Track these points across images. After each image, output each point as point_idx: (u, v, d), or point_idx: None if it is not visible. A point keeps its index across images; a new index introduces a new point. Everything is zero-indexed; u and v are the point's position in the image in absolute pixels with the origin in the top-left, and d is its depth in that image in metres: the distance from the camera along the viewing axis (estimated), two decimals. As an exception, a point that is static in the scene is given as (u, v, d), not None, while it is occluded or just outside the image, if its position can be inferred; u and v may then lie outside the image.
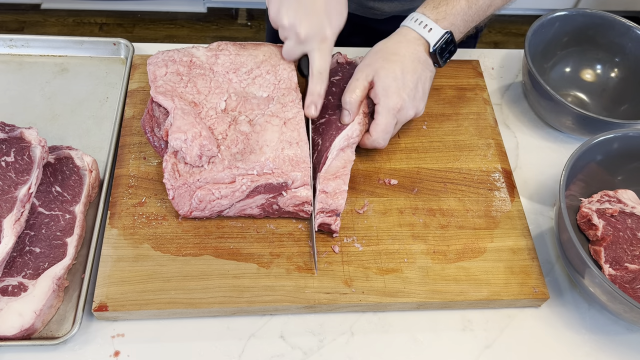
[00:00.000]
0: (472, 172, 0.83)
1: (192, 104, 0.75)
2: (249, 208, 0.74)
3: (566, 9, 0.94)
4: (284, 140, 0.73)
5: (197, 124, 0.72)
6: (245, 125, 0.74)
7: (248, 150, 0.73)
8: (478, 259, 0.75)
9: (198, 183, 0.71)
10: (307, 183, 0.72)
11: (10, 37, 0.92)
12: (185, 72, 0.78)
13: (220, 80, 0.78)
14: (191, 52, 0.80)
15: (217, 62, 0.80)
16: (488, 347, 0.71)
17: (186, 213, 0.73)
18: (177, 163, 0.72)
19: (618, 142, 0.79)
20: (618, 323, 0.75)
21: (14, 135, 0.72)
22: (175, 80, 0.77)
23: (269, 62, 0.80)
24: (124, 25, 2.31)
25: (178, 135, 0.70)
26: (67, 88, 0.89)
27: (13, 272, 0.67)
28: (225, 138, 0.74)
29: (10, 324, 0.64)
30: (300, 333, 0.70)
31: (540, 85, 0.86)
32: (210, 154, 0.71)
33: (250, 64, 0.80)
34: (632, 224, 0.77)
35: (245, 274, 0.71)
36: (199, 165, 0.71)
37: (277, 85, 0.79)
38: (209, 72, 0.79)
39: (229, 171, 0.71)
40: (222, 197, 0.71)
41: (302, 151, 0.73)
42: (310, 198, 0.73)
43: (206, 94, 0.76)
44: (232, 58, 0.80)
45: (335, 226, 0.73)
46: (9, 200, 0.68)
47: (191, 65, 0.79)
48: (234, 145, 0.73)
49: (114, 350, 0.67)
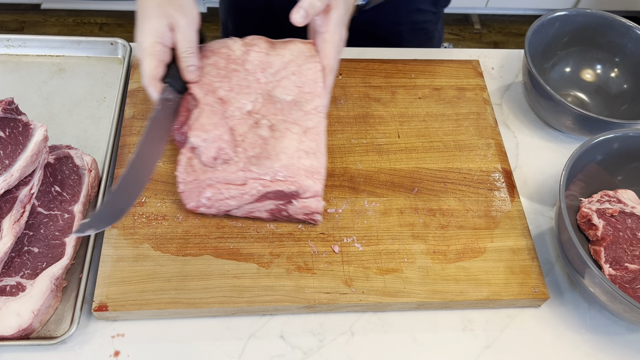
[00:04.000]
0: (472, 172, 0.83)
1: (221, 101, 0.74)
2: (258, 211, 0.73)
3: (566, 9, 0.94)
4: (301, 150, 0.72)
5: (221, 126, 0.71)
6: (265, 130, 0.74)
7: (264, 156, 0.72)
8: (478, 259, 0.75)
9: (209, 181, 0.71)
10: (318, 194, 0.72)
11: (8, 37, 0.91)
12: (223, 65, 0.77)
13: (250, 79, 0.77)
14: (228, 44, 0.79)
15: (248, 59, 0.78)
16: (488, 347, 0.71)
17: (193, 208, 0.72)
18: (192, 159, 0.72)
19: (618, 142, 0.79)
20: (618, 323, 0.75)
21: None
22: (213, 73, 0.76)
23: (295, 62, 0.78)
24: (124, 25, 2.31)
25: (199, 133, 0.70)
26: (64, 88, 0.89)
27: (11, 272, 0.67)
28: (244, 140, 0.73)
29: (8, 323, 0.63)
30: (300, 333, 0.70)
31: (540, 85, 0.85)
32: (226, 158, 0.71)
33: (278, 65, 0.78)
34: (632, 224, 0.77)
35: (245, 274, 0.71)
36: (212, 166, 0.71)
37: (301, 89, 0.77)
38: (242, 69, 0.78)
39: (242, 174, 0.71)
40: (231, 198, 0.71)
41: (319, 162, 0.72)
42: (320, 209, 0.72)
43: (237, 93, 0.76)
44: (261, 57, 0.78)
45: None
46: (9, 200, 0.68)
47: (228, 59, 0.78)
48: (251, 148, 0.73)
49: (114, 350, 0.67)
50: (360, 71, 0.92)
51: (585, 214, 0.77)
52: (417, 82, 0.92)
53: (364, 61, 0.94)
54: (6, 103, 0.70)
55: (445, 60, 0.96)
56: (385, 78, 0.92)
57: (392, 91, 0.90)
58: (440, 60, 0.96)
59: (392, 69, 0.93)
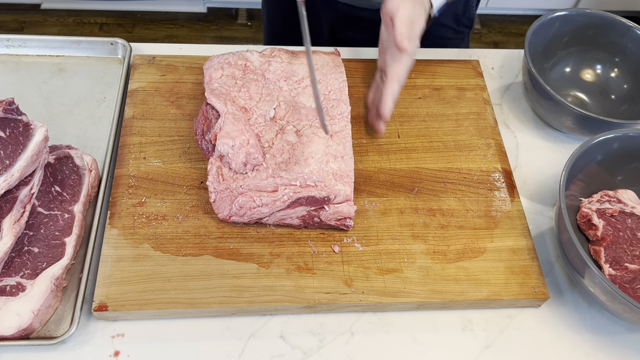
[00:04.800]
0: (472, 172, 0.83)
1: (243, 109, 0.76)
2: (289, 218, 0.73)
3: (566, 9, 0.94)
4: (329, 154, 0.73)
5: (246, 131, 0.72)
6: (292, 136, 0.75)
7: (293, 161, 0.73)
8: (478, 259, 0.75)
9: (240, 189, 0.71)
10: (349, 198, 0.72)
11: (8, 37, 0.91)
12: (240, 76, 0.79)
13: (271, 87, 0.79)
14: (245, 56, 0.81)
15: (269, 69, 0.81)
16: (488, 347, 0.71)
17: (225, 217, 0.72)
18: (222, 167, 0.72)
19: (618, 142, 0.79)
20: (618, 323, 0.75)
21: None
22: (230, 84, 0.78)
23: (320, 72, 0.81)
24: (124, 25, 2.31)
25: (226, 140, 0.71)
26: (64, 88, 0.89)
27: (11, 272, 0.67)
28: (272, 147, 0.74)
29: (8, 323, 0.63)
30: (300, 333, 0.70)
31: (540, 85, 0.85)
32: (256, 163, 0.72)
33: (302, 73, 0.81)
34: (632, 224, 0.77)
35: (245, 274, 0.71)
36: (243, 172, 0.72)
37: (327, 95, 0.79)
38: (262, 78, 0.80)
39: (272, 180, 0.71)
40: (263, 205, 0.71)
41: (347, 165, 0.73)
42: (352, 214, 0.72)
43: (257, 101, 0.77)
44: (284, 66, 0.81)
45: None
46: (9, 200, 0.68)
47: (245, 70, 0.80)
48: (279, 154, 0.73)
49: (114, 350, 0.67)
50: (360, 71, 0.92)
51: (585, 214, 0.77)
52: (417, 82, 0.92)
53: (364, 61, 0.94)
54: (7, 103, 0.70)
55: (445, 60, 0.96)
56: (385, 78, 0.92)
57: (392, 91, 0.90)
58: (440, 60, 0.96)
59: (392, 69, 0.93)
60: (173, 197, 0.76)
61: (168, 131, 0.82)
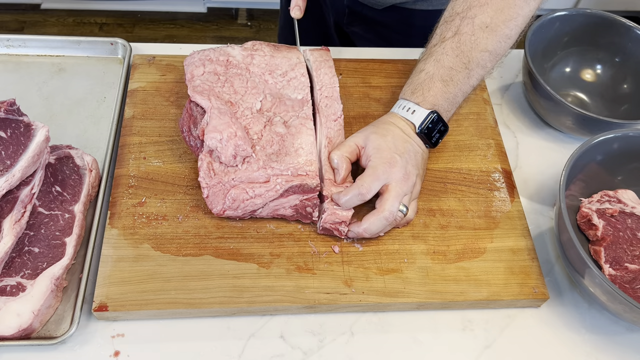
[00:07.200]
0: (472, 172, 0.83)
1: (229, 103, 0.76)
2: (282, 208, 0.74)
3: (566, 9, 0.94)
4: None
5: (233, 124, 0.72)
6: (280, 127, 0.75)
7: (283, 152, 0.74)
8: (478, 259, 0.75)
9: (232, 182, 0.72)
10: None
11: (8, 37, 0.91)
12: (222, 71, 0.79)
13: (257, 80, 0.79)
14: (227, 52, 0.81)
15: (252, 63, 0.81)
16: (488, 347, 0.71)
17: (219, 212, 0.73)
18: (212, 162, 0.73)
19: (618, 142, 0.79)
20: (618, 323, 0.75)
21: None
22: (213, 80, 0.78)
23: (303, 65, 0.82)
24: (124, 25, 2.31)
25: (214, 134, 0.71)
26: (64, 88, 0.89)
27: (11, 272, 0.67)
28: (261, 138, 0.75)
29: (8, 324, 0.63)
30: (300, 333, 0.70)
31: (540, 85, 0.85)
32: (245, 154, 0.72)
33: (285, 67, 0.82)
34: (632, 224, 0.77)
35: (245, 274, 0.71)
36: (233, 165, 0.72)
37: (320, 91, 0.81)
38: (245, 72, 0.80)
39: (263, 171, 0.72)
40: (256, 197, 0.71)
41: None
42: (349, 218, 0.72)
43: (242, 94, 0.77)
44: (267, 59, 0.82)
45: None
46: (10, 200, 0.68)
47: (228, 65, 0.80)
48: (269, 145, 0.74)
49: (114, 350, 0.67)
50: (360, 71, 0.92)
51: (585, 214, 0.77)
52: (417, 82, 0.92)
53: (364, 61, 0.94)
54: (8, 104, 0.70)
55: (445, 60, 0.96)
56: (385, 78, 0.92)
57: (392, 91, 0.90)
58: (440, 60, 0.96)
59: (392, 69, 0.93)
60: (173, 197, 0.76)
61: (168, 131, 0.82)
